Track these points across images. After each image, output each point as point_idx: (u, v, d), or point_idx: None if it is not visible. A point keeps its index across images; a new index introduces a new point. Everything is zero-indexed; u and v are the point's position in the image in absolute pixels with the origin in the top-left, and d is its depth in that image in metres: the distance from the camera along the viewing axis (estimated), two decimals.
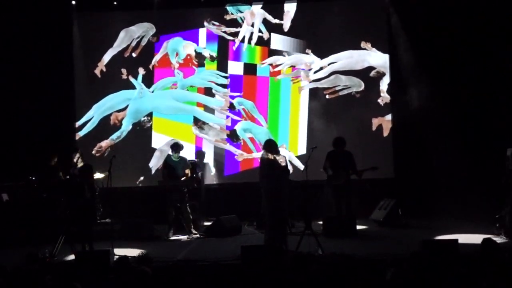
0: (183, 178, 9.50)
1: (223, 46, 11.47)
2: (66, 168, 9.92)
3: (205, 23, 11.42)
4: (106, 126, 11.40)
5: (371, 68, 11.31)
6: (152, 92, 11.45)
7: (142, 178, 11.31)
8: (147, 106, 11.45)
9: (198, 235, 9.41)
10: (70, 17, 11.30)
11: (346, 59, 11.31)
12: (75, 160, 10.02)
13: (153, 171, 11.29)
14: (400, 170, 10.99)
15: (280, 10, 11.39)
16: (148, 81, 11.44)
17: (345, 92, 11.29)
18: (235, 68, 11.48)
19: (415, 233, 8.91)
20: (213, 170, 11.38)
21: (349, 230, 8.87)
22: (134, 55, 11.46)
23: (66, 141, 11.02)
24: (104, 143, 11.37)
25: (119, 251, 7.75)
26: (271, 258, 6.55)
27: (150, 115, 11.46)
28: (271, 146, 7.86)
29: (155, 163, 11.33)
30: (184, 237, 9.37)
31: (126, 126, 11.40)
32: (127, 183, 10.94)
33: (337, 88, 11.29)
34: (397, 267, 5.10)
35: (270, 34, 11.38)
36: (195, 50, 11.48)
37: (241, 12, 11.42)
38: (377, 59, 11.28)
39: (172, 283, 5.37)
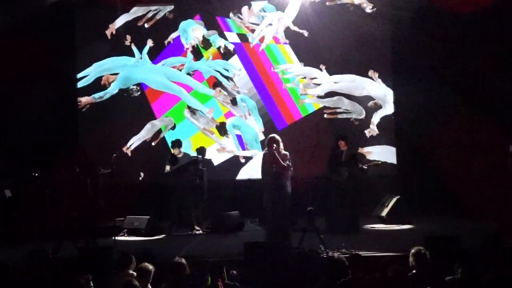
0: (185, 174, 9.50)
1: (210, 21, 11.36)
2: (69, 164, 9.92)
3: (231, 15, 11.32)
4: (97, 86, 11.43)
5: (369, 98, 11.06)
6: (163, 65, 11.43)
7: (130, 144, 11.29)
8: (137, 76, 11.42)
9: (200, 232, 9.40)
10: None
11: (347, 82, 11.08)
12: None
13: (139, 142, 11.30)
14: (403, 167, 10.96)
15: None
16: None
17: (344, 116, 11.07)
18: (232, 37, 11.42)
19: (418, 229, 8.91)
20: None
21: (351, 227, 8.85)
22: (146, 25, 11.42)
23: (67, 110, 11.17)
24: (84, 99, 11.37)
25: (121, 247, 7.75)
26: (273, 255, 6.55)
27: (139, 85, 11.43)
28: (272, 142, 7.82)
29: (143, 135, 11.33)
30: (186, 234, 9.38)
31: (112, 89, 11.37)
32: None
33: (338, 111, 11.10)
34: (399, 263, 5.11)
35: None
36: (203, 36, 11.42)
37: (264, 11, 11.27)
38: (378, 90, 11.01)
39: (174, 279, 5.39)
